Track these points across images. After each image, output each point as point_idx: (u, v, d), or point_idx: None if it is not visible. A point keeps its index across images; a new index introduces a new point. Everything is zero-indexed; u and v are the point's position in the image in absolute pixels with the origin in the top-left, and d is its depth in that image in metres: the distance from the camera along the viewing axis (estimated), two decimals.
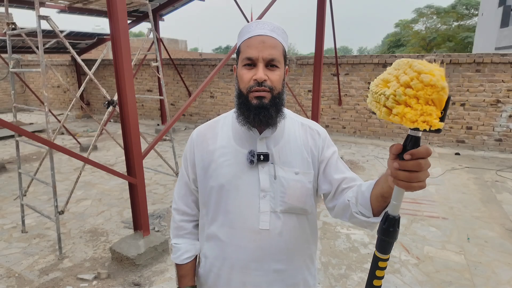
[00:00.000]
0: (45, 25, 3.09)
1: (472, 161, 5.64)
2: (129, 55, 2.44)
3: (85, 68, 3.38)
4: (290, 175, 0.97)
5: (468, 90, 6.09)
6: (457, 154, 6.06)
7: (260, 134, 0.97)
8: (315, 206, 1.05)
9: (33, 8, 5.81)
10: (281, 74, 0.92)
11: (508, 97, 5.84)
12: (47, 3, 5.32)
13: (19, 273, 2.66)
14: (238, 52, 0.96)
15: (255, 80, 0.89)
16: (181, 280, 1.09)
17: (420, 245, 3.05)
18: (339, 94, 7.08)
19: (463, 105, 6.18)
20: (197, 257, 1.12)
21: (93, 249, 3.00)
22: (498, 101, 5.92)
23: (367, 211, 0.85)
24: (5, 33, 3.09)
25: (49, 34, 6.34)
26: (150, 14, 4.12)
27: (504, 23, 13.04)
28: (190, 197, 1.10)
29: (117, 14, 2.32)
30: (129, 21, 7.22)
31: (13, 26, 3.15)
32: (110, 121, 9.05)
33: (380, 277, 0.76)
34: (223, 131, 1.03)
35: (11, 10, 7.91)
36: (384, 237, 0.72)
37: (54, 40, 6.19)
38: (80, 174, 3.26)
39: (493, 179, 4.74)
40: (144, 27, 29.34)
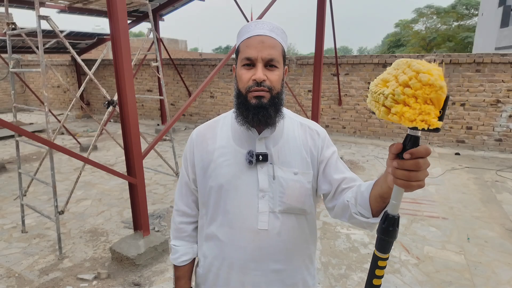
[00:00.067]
0: (45, 25, 3.10)
1: (472, 161, 5.64)
2: (129, 55, 2.45)
3: (85, 68, 3.38)
4: (289, 175, 0.97)
5: (468, 90, 6.09)
6: (457, 154, 6.06)
7: (259, 134, 0.97)
8: (314, 206, 1.05)
9: (33, 8, 5.81)
10: (280, 74, 0.92)
11: (508, 97, 5.84)
12: (47, 3, 5.33)
13: (19, 273, 2.67)
14: (237, 52, 0.96)
15: (254, 80, 0.89)
16: (178, 281, 1.13)
17: (420, 245, 3.05)
18: (339, 94, 7.08)
19: (463, 105, 6.18)
20: (194, 259, 1.14)
21: (93, 249, 3.00)
22: (498, 101, 5.92)
23: (366, 211, 0.85)
24: (5, 33, 3.10)
25: (49, 34, 6.34)
26: (150, 14, 4.12)
27: (504, 23, 13.04)
28: (190, 197, 1.10)
29: (117, 14, 2.32)
30: (129, 21, 7.23)
31: (13, 26, 3.15)
32: (110, 121, 9.06)
33: (379, 276, 0.76)
34: (223, 131, 1.03)
35: (11, 10, 7.91)
36: (384, 236, 0.72)
37: (54, 40, 6.20)
38: (80, 174, 3.27)
39: (493, 179, 4.74)
40: (144, 27, 29.40)
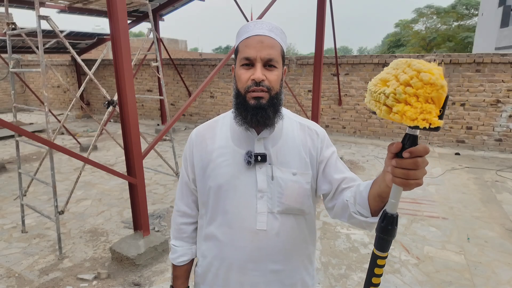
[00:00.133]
0: (45, 25, 3.10)
1: (472, 161, 5.64)
2: (129, 55, 2.45)
3: (85, 68, 3.38)
4: (287, 176, 0.97)
5: (468, 90, 6.09)
6: (457, 154, 6.06)
7: (258, 134, 0.97)
8: (313, 206, 1.05)
9: (33, 8, 5.81)
10: (279, 74, 0.92)
11: (508, 97, 5.84)
12: (47, 3, 5.33)
13: (19, 273, 2.67)
14: (236, 52, 0.96)
15: (253, 80, 0.89)
16: (175, 281, 1.15)
17: (420, 245, 3.05)
18: (339, 94, 7.08)
19: (463, 105, 6.18)
20: (193, 260, 1.15)
21: (93, 249, 3.00)
22: (498, 101, 5.92)
23: (365, 210, 0.85)
24: (5, 33, 3.10)
25: (49, 34, 6.34)
26: (150, 14, 4.12)
27: (504, 23, 13.04)
28: (190, 197, 1.10)
29: (117, 14, 2.32)
30: (129, 21, 7.23)
31: (13, 26, 3.15)
32: (110, 121, 9.06)
33: (378, 275, 0.77)
34: (222, 131, 1.03)
35: (11, 10, 7.91)
36: (383, 235, 0.73)
37: (54, 40, 6.20)
38: (80, 174, 3.27)
39: (493, 179, 4.74)
40: (144, 27, 29.42)
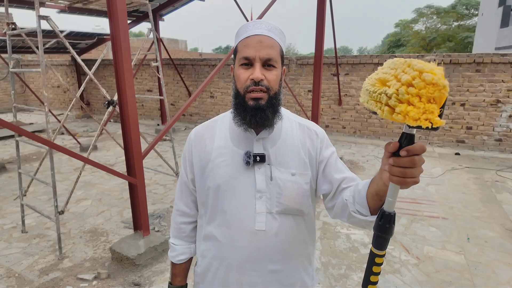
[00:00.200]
0: (45, 25, 3.09)
1: (472, 161, 5.64)
2: (129, 55, 2.45)
3: (85, 68, 3.38)
4: (286, 176, 0.97)
5: (468, 90, 6.09)
6: (457, 154, 6.06)
7: (257, 135, 0.97)
8: (312, 207, 1.05)
9: (33, 8, 5.81)
10: (278, 74, 0.92)
11: (508, 97, 5.84)
12: (47, 3, 5.33)
13: (19, 273, 2.67)
14: (235, 52, 0.96)
15: (252, 79, 0.89)
16: (174, 278, 1.16)
17: (420, 245, 3.05)
18: (339, 94, 7.08)
19: (463, 105, 6.18)
20: (191, 258, 1.16)
21: (93, 249, 3.00)
22: (498, 101, 5.92)
23: (364, 209, 0.85)
24: (5, 33, 3.10)
25: (49, 34, 6.35)
26: (150, 14, 4.12)
27: (504, 23, 13.04)
28: (190, 197, 1.10)
29: (117, 14, 2.33)
30: (129, 21, 7.23)
31: (13, 26, 3.15)
32: (110, 121, 9.06)
33: (377, 273, 0.78)
34: (221, 131, 1.03)
35: (11, 10, 7.92)
36: (380, 233, 0.73)
37: (54, 40, 6.20)
38: (80, 174, 3.27)
39: (493, 179, 4.74)
40: (144, 27, 29.41)
